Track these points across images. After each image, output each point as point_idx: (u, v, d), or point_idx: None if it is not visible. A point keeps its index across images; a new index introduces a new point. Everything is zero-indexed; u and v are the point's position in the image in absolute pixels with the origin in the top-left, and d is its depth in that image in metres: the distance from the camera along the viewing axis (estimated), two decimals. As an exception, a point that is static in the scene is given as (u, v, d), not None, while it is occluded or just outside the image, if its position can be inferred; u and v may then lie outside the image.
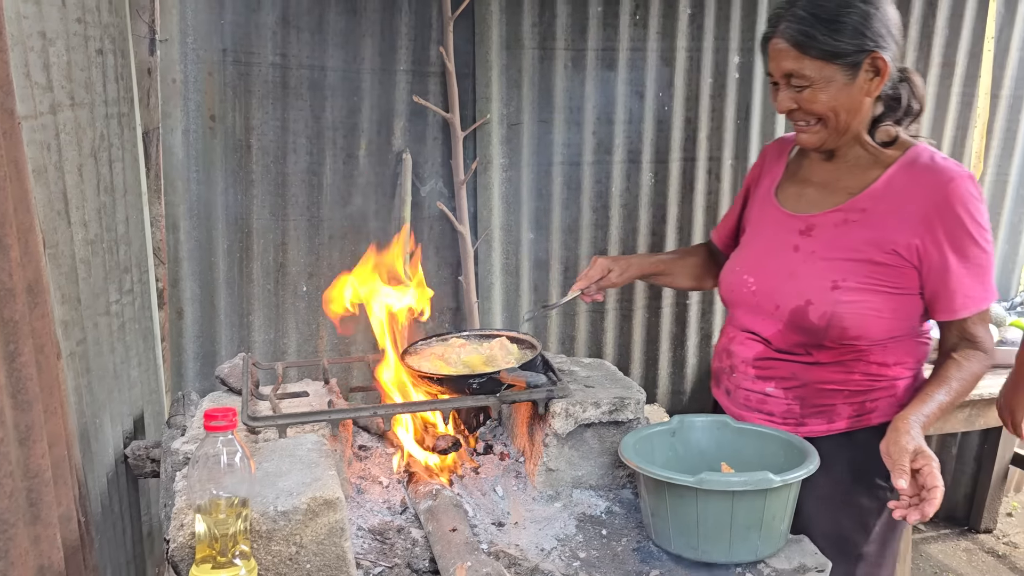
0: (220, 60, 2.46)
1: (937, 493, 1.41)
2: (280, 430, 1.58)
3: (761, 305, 1.73)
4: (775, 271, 1.72)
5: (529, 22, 2.67)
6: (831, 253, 1.65)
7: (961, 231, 1.57)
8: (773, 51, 1.61)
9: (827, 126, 1.62)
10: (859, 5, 1.56)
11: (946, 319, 1.64)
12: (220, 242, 2.58)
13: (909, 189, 1.61)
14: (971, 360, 1.63)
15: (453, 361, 1.78)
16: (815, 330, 1.65)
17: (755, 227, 1.84)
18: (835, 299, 1.63)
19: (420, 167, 2.71)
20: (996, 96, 3.27)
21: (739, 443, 1.72)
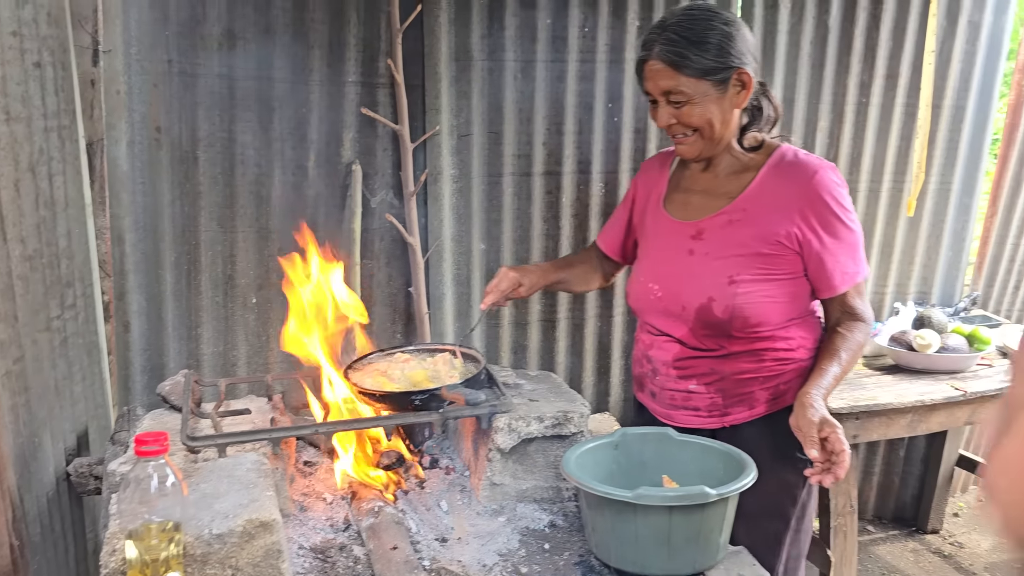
0: (166, 71, 2.44)
1: (845, 456, 1.60)
2: (220, 450, 1.57)
3: (669, 308, 1.89)
4: (676, 275, 1.88)
5: (478, 34, 2.68)
6: (723, 252, 1.83)
7: (830, 215, 1.78)
8: (650, 72, 1.77)
9: (703, 136, 1.80)
10: (721, 27, 1.75)
11: (829, 296, 1.84)
12: (167, 254, 2.56)
13: (781, 185, 1.81)
14: (854, 331, 1.82)
15: (396, 377, 1.78)
16: (720, 323, 1.82)
17: (650, 238, 2.00)
18: (733, 292, 1.80)
19: (370, 178, 2.71)
20: (938, 107, 3.34)
21: (681, 455, 1.75)
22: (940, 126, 3.36)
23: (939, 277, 3.56)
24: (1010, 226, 3.74)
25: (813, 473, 1.64)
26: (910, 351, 2.87)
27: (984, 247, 3.74)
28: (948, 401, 2.72)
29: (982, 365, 2.97)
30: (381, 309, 2.84)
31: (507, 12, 2.69)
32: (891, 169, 3.34)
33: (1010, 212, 3.72)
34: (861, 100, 3.22)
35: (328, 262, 1.96)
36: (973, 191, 3.49)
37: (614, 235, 2.14)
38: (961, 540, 3.70)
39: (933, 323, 2.96)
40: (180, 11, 2.41)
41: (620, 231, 2.12)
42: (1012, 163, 3.64)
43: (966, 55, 3.31)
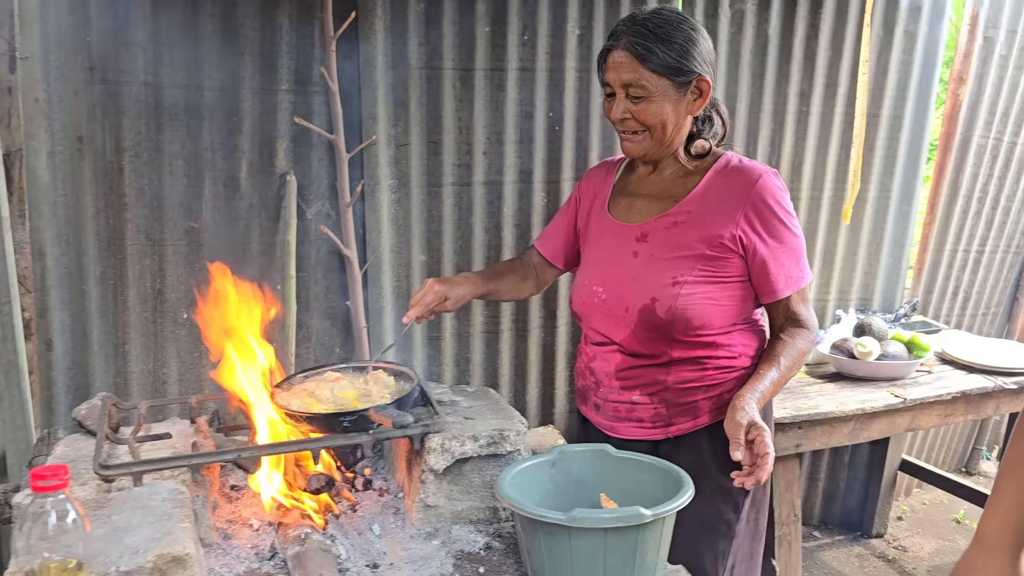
0: (87, 79, 2.34)
1: (768, 460, 1.60)
2: (135, 478, 1.49)
3: (612, 310, 1.87)
4: (620, 277, 1.87)
5: (415, 41, 2.62)
6: (667, 253, 1.82)
7: (773, 219, 1.79)
8: (613, 63, 1.76)
9: (652, 136, 1.80)
10: (688, 31, 1.76)
11: (771, 300, 1.84)
12: (92, 269, 2.45)
13: (725, 188, 1.82)
14: (796, 338, 1.82)
15: (324, 397, 1.71)
16: (663, 324, 1.81)
17: (594, 242, 1.98)
18: (676, 293, 1.79)
19: (305, 189, 2.64)
20: (876, 116, 3.37)
21: (619, 473, 1.71)
22: (879, 135, 3.40)
23: (880, 284, 3.60)
24: (948, 232, 3.80)
25: (738, 475, 1.63)
26: (851, 359, 2.89)
27: (923, 253, 3.80)
28: (888, 409, 2.73)
29: (921, 372, 2.99)
30: (319, 323, 2.76)
31: (445, 19, 2.64)
32: (832, 177, 3.37)
33: (947, 219, 3.78)
34: (801, 109, 3.24)
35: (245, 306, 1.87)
36: (911, 198, 3.53)
37: (556, 240, 2.11)
38: (905, 544, 3.74)
39: (873, 330, 2.98)
40: (102, 16, 2.31)
41: (562, 236, 2.10)
42: (949, 170, 3.70)
43: (903, 65, 3.35)
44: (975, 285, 3.98)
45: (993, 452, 4.44)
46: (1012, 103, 3.73)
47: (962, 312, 4.01)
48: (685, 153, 1.87)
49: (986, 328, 4.11)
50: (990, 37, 3.57)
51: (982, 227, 3.88)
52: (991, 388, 2.90)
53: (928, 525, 3.91)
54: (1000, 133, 3.75)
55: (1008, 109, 3.73)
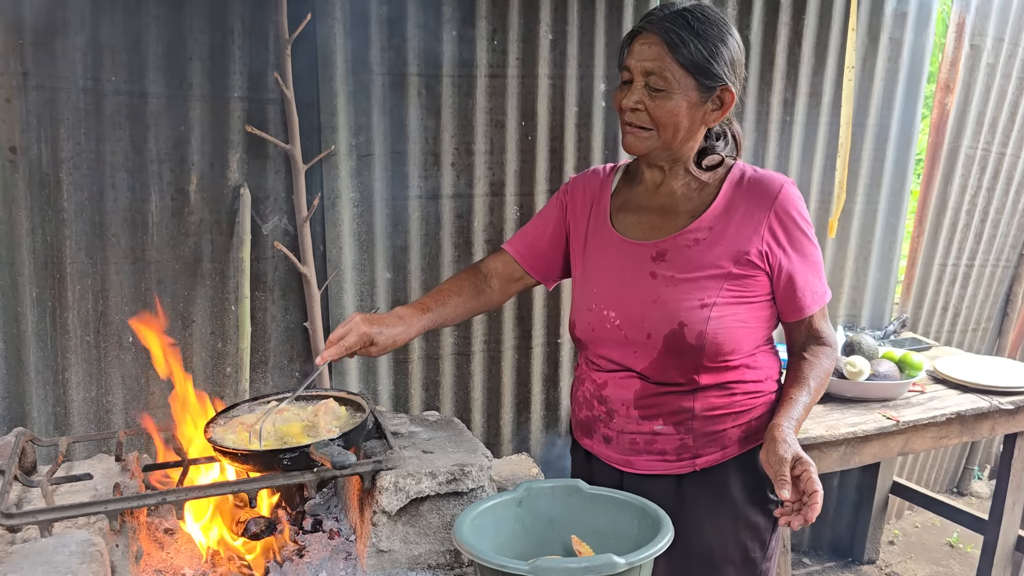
0: (20, 85, 2.17)
1: (817, 497, 1.44)
2: (43, 527, 1.32)
3: (630, 337, 1.69)
4: (638, 300, 1.69)
5: (377, 46, 2.47)
6: (690, 273, 1.66)
7: (797, 231, 1.66)
8: (640, 46, 1.60)
9: (660, 136, 1.63)
10: (727, 35, 1.61)
11: (797, 318, 1.71)
12: (27, 289, 2.27)
13: (746, 201, 1.67)
14: (820, 357, 1.69)
15: (266, 432, 1.54)
16: (692, 351, 1.64)
17: (597, 261, 1.78)
18: (706, 317, 1.63)
19: (261, 203, 2.47)
20: (862, 126, 3.26)
21: (591, 511, 1.56)
22: (865, 145, 3.28)
23: (868, 299, 3.47)
24: (937, 246, 3.68)
25: (783, 513, 1.48)
26: (841, 379, 2.74)
27: (912, 268, 3.68)
28: (881, 432, 2.59)
29: (914, 392, 2.85)
30: (277, 347, 2.59)
31: (409, 22, 2.49)
32: (817, 188, 3.25)
33: (936, 232, 3.67)
34: (785, 118, 3.12)
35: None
36: (899, 211, 3.41)
37: (533, 245, 1.89)
38: (898, 570, 3.59)
39: (863, 349, 2.84)
40: (36, 18, 2.15)
41: (543, 241, 1.88)
42: (937, 182, 3.59)
43: (888, 73, 3.24)
44: (965, 300, 3.86)
45: (985, 471, 4.31)
46: (1000, 113, 3.63)
47: (952, 328, 3.89)
48: (695, 166, 1.72)
49: (976, 344, 3.99)
50: (977, 45, 3.47)
51: (971, 240, 3.77)
52: (986, 408, 2.76)
53: (921, 549, 3.77)
54: (988, 144, 3.64)
55: (996, 119, 3.63)
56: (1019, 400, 2.82)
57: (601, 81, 2.77)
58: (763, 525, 1.74)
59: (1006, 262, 3.92)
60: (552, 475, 2.85)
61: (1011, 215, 3.84)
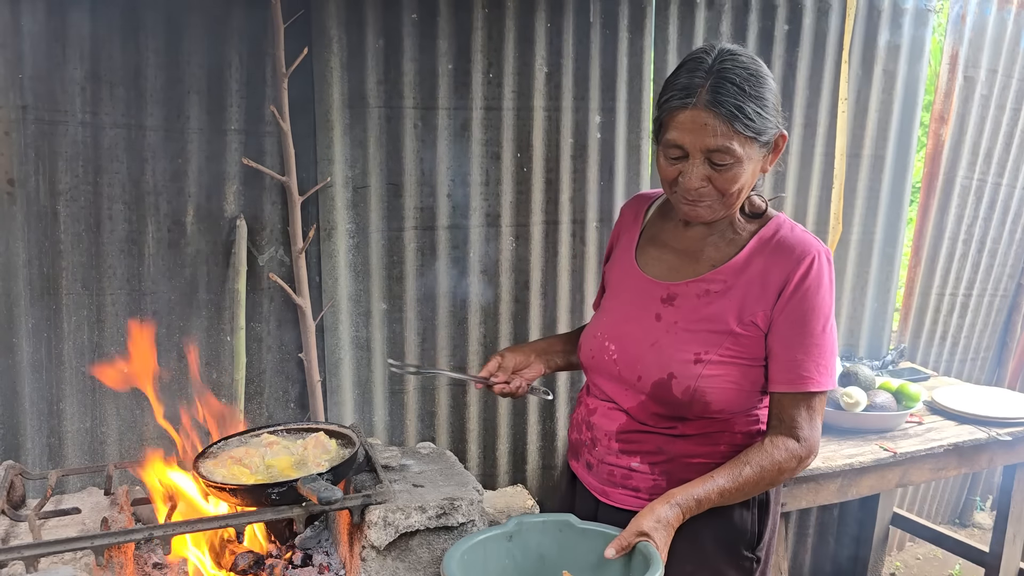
0: (19, 118, 2.19)
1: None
2: (28, 564, 1.31)
3: (622, 375, 1.66)
4: (637, 340, 1.65)
5: (374, 79, 2.50)
6: (693, 324, 1.60)
7: (807, 307, 1.55)
8: (693, 124, 1.46)
9: (727, 203, 1.54)
10: (771, 81, 1.52)
11: (776, 390, 1.59)
12: (23, 320, 2.28)
13: (768, 262, 1.58)
14: (777, 448, 1.56)
15: (254, 465, 1.54)
16: (677, 404, 1.59)
17: (615, 290, 1.76)
18: (697, 373, 1.57)
19: (257, 234, 2.48)
20: (858, 156, 3.27)
21: (583, 546, 1.55)
22: (860, 175, 3.30)
23: (865, 329, 3.47)
24: (934, 276, 3.68)
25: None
26: (837, 410, 2.73)
27: (909, 298, 3.67)
28: (878, 463, 2.57)
29: (911, 423, 2.84)
30: (273, 378, 2.59)
31: (405, 56, 2.51)
32: (813, 219, 3.25)
33: (933, 262, 3.67)
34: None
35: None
36: (896, 240, 3.42)
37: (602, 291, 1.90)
38: (899, 603, 3.56)
39: (860, 379, 2.83)
40: (36, 52, 2.18)
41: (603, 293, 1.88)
42: (933, 212, 3.60)
43: (883, 104, 3.26)
44: (963, 330, 3.85)
45: (987, 502, 4.28)
46: (995, 143, 3.64)
47: (951, 358, 3.88)
48: (740, 213, 1.63)
49: (976, 374, 3.98)
50: (971, 76, 3.49)
51: (968, 270, 3.77)
52: (984, 439, 2.75)
53: (923, 582, 3.73)
54: (984, 174, 3.65)
55: (991, 149, 3.64)
56: (1017, 431, 2.80)
57: (596, 113, 2.79)
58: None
59: (1004, 292, 3.92)
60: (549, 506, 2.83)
61: (1008, 245, 3.84)
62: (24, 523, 1.47)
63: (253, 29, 2.36)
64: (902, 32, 3.22)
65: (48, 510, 1.51)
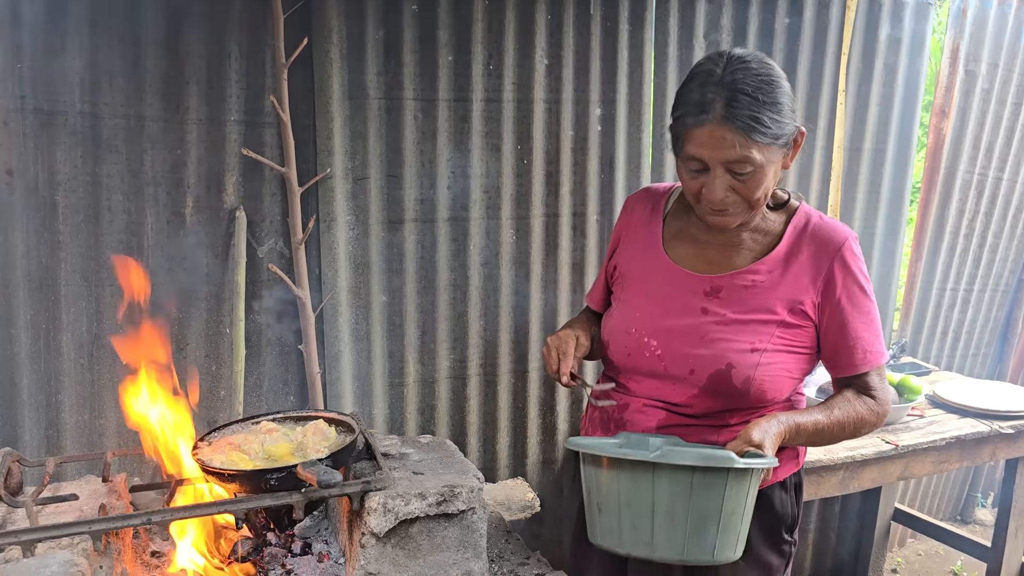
0: (18, 108, 2.18)
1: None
2: (25, 548, 1.30)
3: (669, 370, 1.65)
4: (685, 335, 1.64)
5: (374, 70, 2.49)
6: (743, 315, 1.62)
7: (856, 287, 1.62)
8: (711, 139, 1.48)
9: (752, 209, 1.57)
10: (784, 81, 1.53)
11: (847, 374, 1.65)
12: (22, 311, 2.27)
13: (808, 251, 1.62)
14: (861, 400, 1.64)
15: (253, 452, 1.53)
16: (736, 394, 1.61)
17: (643, 285, 1.73)
18: (755, 362, 1.59)
19: (256, 226, 2.47)
20: (859, 150, 3.26)
21: None
22: (861, 169, 3.29)
23: (867, 324, 3.45)
24: (935, 271, 3.68)
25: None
26: (839, 403, 2.72)
27: (910, 293, 3.67)
28: (880, 456, 2.56)
29: (913, 416, 2.83)
30: (272, 370, 2.58)
31: (405, 48, 2.51)
32: (814, 213, 3.24)
33: (934, 257, 3.66)
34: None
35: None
36: (897, 236, 3.41)
37: (601, 291, 1.88)
38: (900, 599, 3.54)
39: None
40: (35, 42, 2.17)
41: (605, 285, 1.87)
42: (934, 207, 3.59)
43: (883, 98, 3.25)
44: (965, 325, 3.85)
45: (989, 499, 4.26)
46: (996, 138, 3.64)
47: (952, 353, 3.87)
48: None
49: (977, 369, 3.97)
50: (971, 71, 3.49)
51: (970, 265, 3.76)
52: (987, 432, 2.74)
53: (924, 578, 3.72)
54: (985, 168, 3.65)
55: (992, 144, 3.63)
56: (1019, 424, 2.79)
57: (597, 106, 2.78)
58: (775, 564, 1.69)
59: (1005, 287, 3.91)
60: (549, 501, 2.83)
61: (1010, 239, 3.83)
62: (21, 509, 1.46)
63: (253, 19, 2.36)
64: (903, 26, 3.21)
65: (46, 496, 1.50)
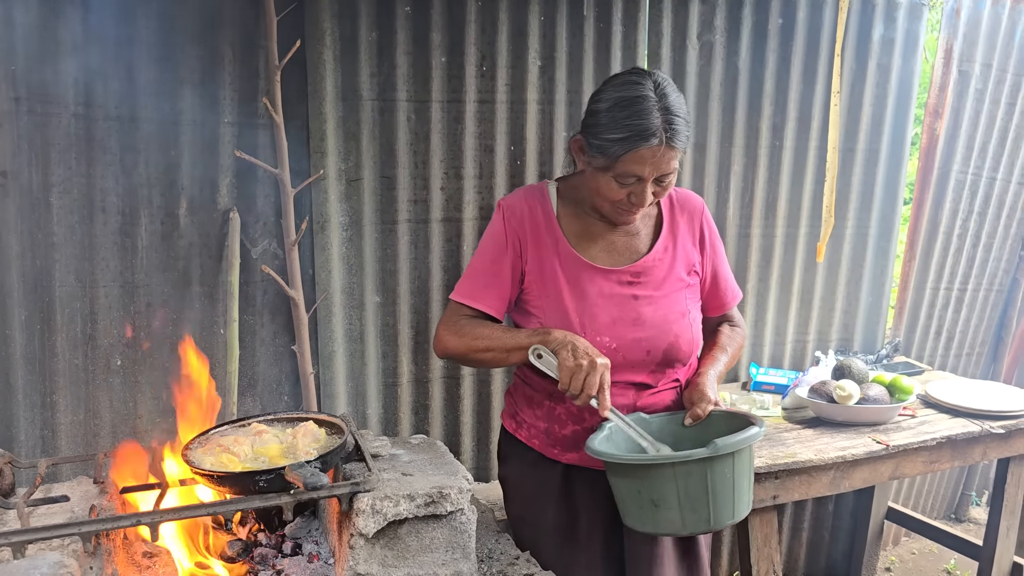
0: (12, 110, 2.19)
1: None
2: (15, 549, 1.31)
3: (628, 358, 1.83)
4: (630, 323, 1.83)
5: (367, 72, 2.50)
6: (668, 289, 1.88)
7: (716, 239, 2.01)
8: (653, 158, 1.68)
9: (658, 204, 1.92)
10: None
11: (719, 313, 2.05)
12: (16, 312, 2.29)
13: (682, 218, 1.95)
14: (735, 332, 2.06)
15: (243, 453, 1.54)
16: (683, 357, 1.90)
17: (573, 287, 1.84)
18: (689, 325, 1.89)
19: (250, 227, 2.48)
20: (852, 151, 3.27)
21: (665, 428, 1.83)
22: (855, 170, 3.30)
23: (860, 324, 3.47)
24: (929, 271, 3.69)
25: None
26: (830, 403, 2.73)
27: (904, 292, 3.67)
28: (870, 456, 2.57)
29: (904, 416, 2.84)
30: (266, 370, 2.59)
31: (398, 49, 2.52)
32: (808, 214, 3.25)
33: (928, 256, 3.67)
34: (774, 143, 3.13)
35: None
36: (890, 235, 3.42)
37: (501, 296, 1.87)
38: (893, 597, 3.56)
39: (853, 372, 2.83)
40: (29, 44, 2.18)
41: (505, 291, 1.87)
42: (927, 207, 3.60)
43: (877, 98, 3.26)
44: (958, 324, 3.86)
45: (983, 497, 4.28)
46: (990, 138, 3.64)
47: (946, 352, 3.88)
48: None
49: (971, 369, 3.98)
50: (965, 71, 3.49)
51: (963, 265, 3.77)
52: (978, 432, 2.75)
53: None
54: (979, 168, 3.66)
55: (986, 144, 3.64)
56: (1010, 424, 2.80)
57: (590, 106, 2.78)
58: None
59: (999, 286, 3.92)
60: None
61: (1003, 239, 3.84)
62: (12, 510, 1.47)
63: (246, 21, 2.37)
64: (896, 26, 3.22)
65: (37, 498, 1.51)
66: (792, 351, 3.37)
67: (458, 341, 1.82)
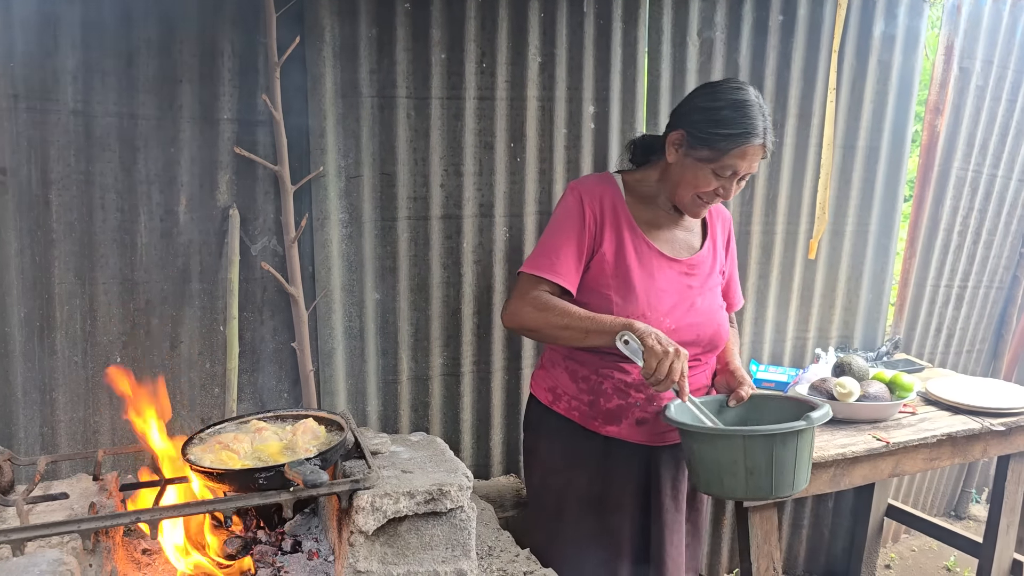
0: (11, 107, 2.19)
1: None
2: (15, 546, 1.31)
3: (683, 340, 2.00)
4: (686, 310, 2.05)
5: (366, 68, 2.49)
6: (712, 284, 2.14)
7: (734, 249, 2.29)
8: (753, 156, 1.93)
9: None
10: None
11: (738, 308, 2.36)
12: (15, 310, 2.28)
13: (718, 223, 2.22)
14: (734, 332, 2.33)
15: (243, 451, 1.54)
16: (720, 343, 2.15)
17: (641, 273, 2.02)
18: (724, 316, 2.18)
19: (250, 224, 2.48)
20: (852, 148, 3.27)
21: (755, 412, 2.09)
22: (855, 167, 3.29)
23: (860, 321, 3.46)
24: (929, 268, 3.68)
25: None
26: (830, 399, 2.73)
27: (904, 289, 3.67)
28: (871, 453, 2.57)
29: (904, 413, 2.84)
30: (266, 367, 2.59)
31: (398, 46, 2.51)
32: (807, 211, 3.25)
33: (928, 253, 3.67)
34: (775, 140, 3.12)
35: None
36: (891, 232, 3.41)
37: (579, 270, 2.03)
38: (893, 594, 3.56)
39: (853, 370, 2.83)
40: (27, 40, 2.17)
41: (582, 265, 2.04)
42: (928, 204, 3.60)
43: (878, 95, 3.25)
44: (959, 322, 3.86)
45: (983, 494, 4.28)
46: (990, 135, 3.64)
47: (946, 350, 3.88)
48: None
49: (971, 366, 3.98)
50: (966, 68, 3.49)
51: (964, 262, 3.77)
52: (978, 430, 2.75)
53: (917, 574, 3.74)
54: (979, 165, 3.65)
55: (987, 141, 3.64)
56: (1011, 421, 2.80)
57: (590, 103, 2.78)
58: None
59: (1000, 283, 3.92)
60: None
61: (1004, 236, 3.84)
62: (12, 508, 1.47)
63: (245, 18, 2.36)
64: (897, 23, 3.21)
65: (36, 495, 1.51)
66: (792, 348, 3.37)
67: (537, 315, 1.93)
